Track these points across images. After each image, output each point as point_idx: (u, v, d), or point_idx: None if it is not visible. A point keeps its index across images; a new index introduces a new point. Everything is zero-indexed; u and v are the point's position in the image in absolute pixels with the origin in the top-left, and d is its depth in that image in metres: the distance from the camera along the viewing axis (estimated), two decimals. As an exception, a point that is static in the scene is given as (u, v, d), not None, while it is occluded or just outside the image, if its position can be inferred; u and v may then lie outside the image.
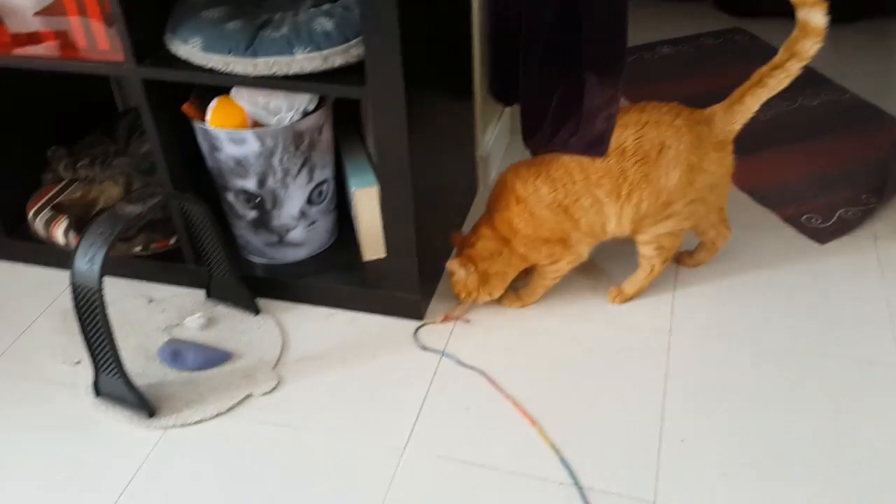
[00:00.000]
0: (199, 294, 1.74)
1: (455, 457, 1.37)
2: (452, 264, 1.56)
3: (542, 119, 1.59)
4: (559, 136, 1.54)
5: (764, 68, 1.48)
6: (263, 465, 1.38)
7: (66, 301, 1.74)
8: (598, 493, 1.30)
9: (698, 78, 2.47)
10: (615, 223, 1.55)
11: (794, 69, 1.45)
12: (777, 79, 1.47)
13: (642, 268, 1.64)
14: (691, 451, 1.36)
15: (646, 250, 1.60)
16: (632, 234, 1.59)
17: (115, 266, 1.76)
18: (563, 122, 1.53)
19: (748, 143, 2.01)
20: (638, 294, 1.66)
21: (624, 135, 1.49)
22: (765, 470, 1.32)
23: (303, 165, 1.58)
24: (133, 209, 1.38)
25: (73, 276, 1.34)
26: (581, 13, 1.50)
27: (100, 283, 1.32)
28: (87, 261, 1.32)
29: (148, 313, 1.69)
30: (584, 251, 1.60)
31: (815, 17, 1.39)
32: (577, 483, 1.32)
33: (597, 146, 1.50)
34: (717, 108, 1.53)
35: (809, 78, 2.38)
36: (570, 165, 1.52)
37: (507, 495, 1.31)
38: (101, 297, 1.33)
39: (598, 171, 1.50)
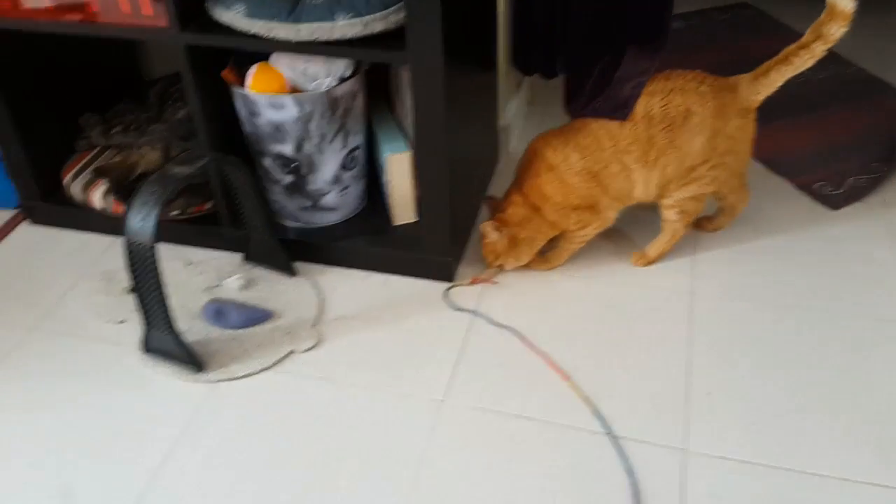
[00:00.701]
0: (236, 257, 1.79)
1: (492, 409, 1.44)
2: (486, 226, 1.62)
3: (582, 87, 1.65)
4: (592, 104, 1.60)
5: (791, 47, 1.54)
6: (308, 416, 1.44)
7: (106, 263, 1.79)
8: (630, 441, 1.37)
9: (709, 51, 2.53)
10: (642, 188, 1.62)
11: (818, 51, 1.52)
12: (802, 58, 1.54)
13: (665, 232, 1.70)
14: (718, 403, 1.43)
15: (669, 214, 1.67)
16: (656, 199, 1.65)
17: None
18: (600, 91, 1.60)
19: (760, 113, 2.07)
20: (661, 257, 1.73)
21: (651, 102, 1.55)
22: (789, 420, 1.40)
23: (338, 131, 1.64)
24: (182, 170, 1.43)
25: (126, 234, 1.39)
26: None
27: (153, 240, 1.37)
28: (141, 219, 1.38)
29: (187, 275, 1.75)
30: (611, 216, 1.67)
31: (843, 1, 1.45)
32: (610, 432, 1.39)
33: (621, 110, 1.57)
34: (743, 78, 1.59)
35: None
36: (600, 133, 1.58)
37: (543, 444, 1.38)
38: (154, 253, 1.38)
39: (627, 137, 1.57)
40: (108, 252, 1.83)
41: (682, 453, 1.35)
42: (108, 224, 1.84)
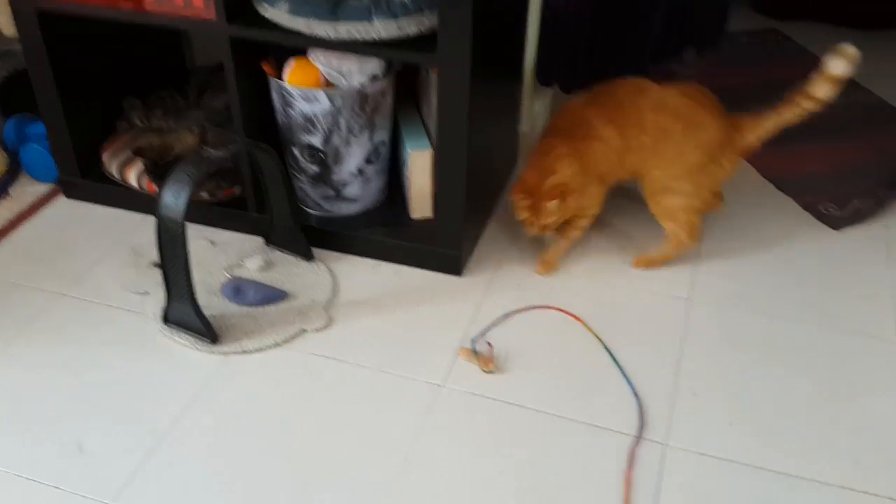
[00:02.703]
0: (258, 240, 1.89)
1: (488, 395, 1.52)
2: (550, 205, 1.67)
3: None
4: None
5: (795, 95, 1.67)
6: (314, 390, 1.53)
7: (135, 238, 1.90)
8: (614, 433, 1.44)
9: (733, 73, 2.59)
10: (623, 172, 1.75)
11: (807, 107, 1.66)
12: (792, 112, 1.68)
13: (668, 239, 1.78)
14: (702, 403, 1.50)
15: (663, 223, 1.78)
16: (646, 196, 1.77)
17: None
18: None
19: (775, 137, 2.12)
20: (662, 264, 1.80)
21: (671, 93, 1.68)
22: (769, 423, 1.46)
23: (365, 126, 1.73)
24: (216, 153, 1.53)
25: (159, 210, 1.49)
26: None
27: (184, 217, 1.47)
28: (174, 196, 1.48)
29: (211, 254, 1.85)
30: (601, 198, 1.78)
31: (835, 67, 1.57)
32: (596, 424, 1.46)
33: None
34: (748, 121, 1.71)
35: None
36: (632, 108, 1.69)
37: (532, 431, 1.45)
38: (184, 230, 1.48)
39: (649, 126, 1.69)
40: (138, 228, 1.94)
41: (661, 447, 1.42)
42: (141, 202, 1.95)
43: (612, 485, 1.35)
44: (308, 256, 1.83)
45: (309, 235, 1.83)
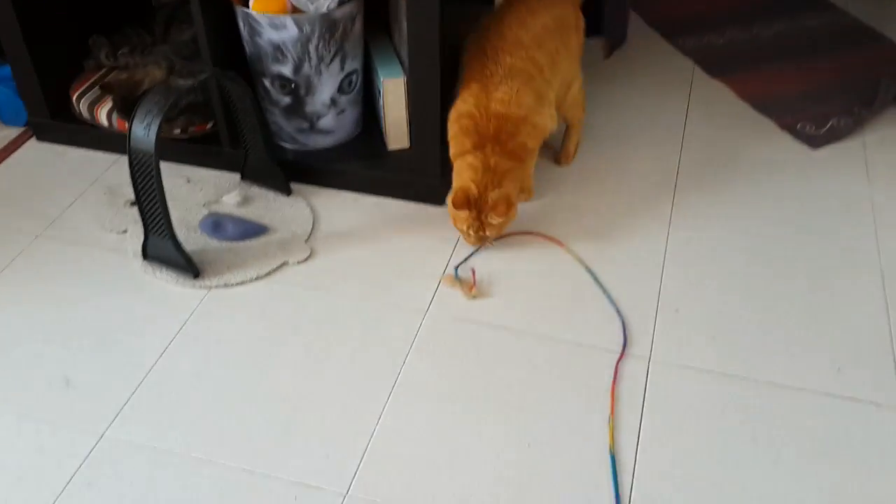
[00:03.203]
0: (235, 176, 1.86)
1: (472, 319, 1.52)
2: (500, 218, 1.57)
3: None
4: None
5: None
6: (299, 320, 1.52)
7: (110, 178, 1.87)
8: (598, 350, 1.45)
9: None
10: (552, 93, 1.72)
11: None
12: None
13: (575, 127, 1.87)
14: (684, 318, 1.51)
15: (575, 114, 1.85)
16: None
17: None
18: None
19: (750, 58, 2.14)
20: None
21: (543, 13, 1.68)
22: (751, 335, 1.48)
23: (336, 54, 1.70)
24: (185, 83, 1.50)
25: (130, 142, 1.46)
26: None
27: (155, 147, 1.45)
28: (144, 127, 1.45)
29: (187, 191, 1.82)
30: (552, 124, 1.72)
31: None
32: (581, 342, 1.47)
33: None
34: None
35: (813, 0, 2.49)
36: (526, 60, 1.64)
37: (518, 351, 1.46)
38: (156, 160, 1.46)
39: (544, 49, 1.67)
40: (112, 168, 1.91)
41: (645, 362, 1.43)
42: (114, 141, 1.91)
43: (598, 399, 1.37)
44: (286, 191, 1.81)
45: (286, 170, 1.81)
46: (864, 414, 1.34)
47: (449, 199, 1.59)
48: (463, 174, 1.60)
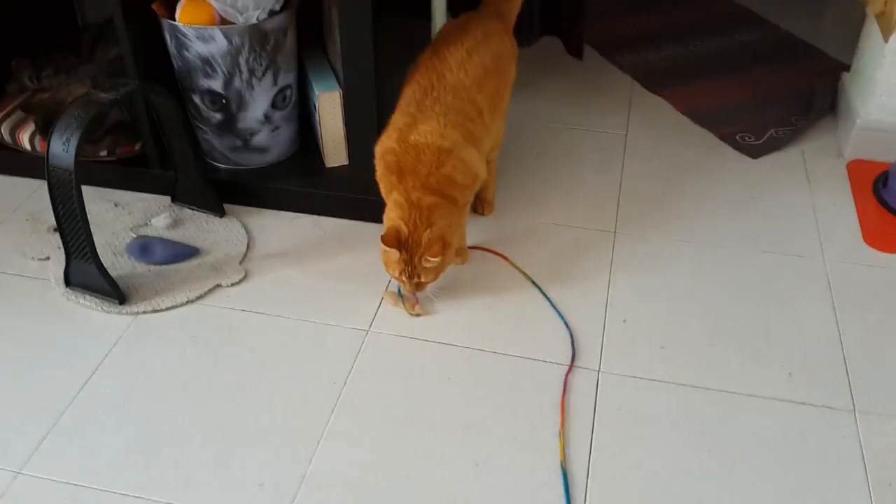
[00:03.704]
0: (165, 199, 1.79)
1: (416, 336, 1.46)
2: (434, 259, 1.42)
3: None
4: None
5: None
6: (233, 344, 1.45)
7: (32, 205, 1.77)
8: (546, 364, 1.40)
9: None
10: (489, 136, 1.61)
11: None
12: None
13: (492, 174, 1.73)
14: (632, 329, 1.47)
15: (493, 156, 1.70)
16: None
17: (81, 172, 1.80)
18: None
19: (688, 72, 2.14)
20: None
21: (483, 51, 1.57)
22: (701, 344, 1.44)
23: (268, 67, 1.64)
24: (107, 95, 1.42)
25: (48, 159, 1.38)
26: None
27: (75, 164, 1.37)
28: (63, 143, 1.37)
29: (114, 215, 1.74)
30: (485, 172, 1.61)
31: None
32: (529, 356, 1.42)
33: None
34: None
35: (747, 17, 2.53)
36: (461, 96, 1.52)
37: (464, 367, 1.40)
38: (77, 178, 1.38)
39: (479, 88, 1.55)
40: (35, 194, 1.81)
41: (594, 374, 1.39)
42: (37, 166, 1.80)
43: (548, 413, 1.32)
44: (219, 212, 1.73)
45: (219, 190, 1.74)
46: (818, 417, 1.31)
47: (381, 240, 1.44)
48: (390, 213, 1.47)
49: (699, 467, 1.23)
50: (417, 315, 1.51)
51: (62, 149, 1.37)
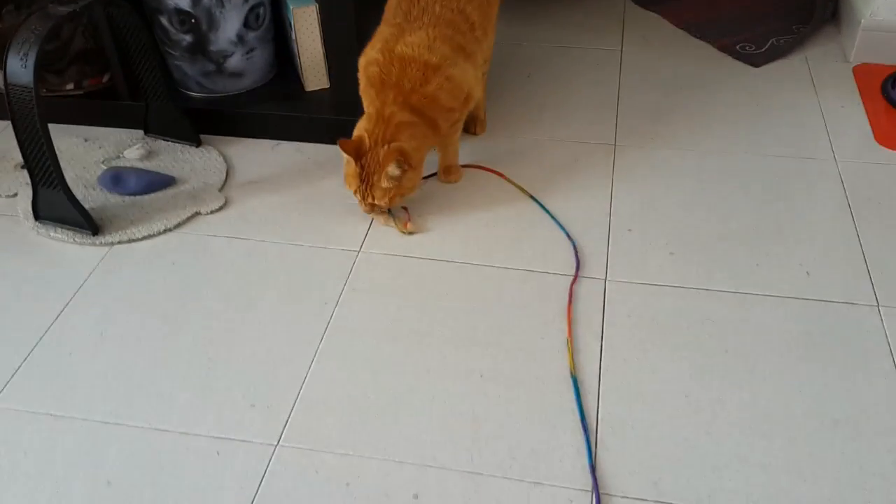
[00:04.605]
0: (138, 132, 1.69)
1: (410, 254, 1.38)
2: (388, 171, 1.33)
3: None
4: None
5: None
6: (216, 270, 1.36)
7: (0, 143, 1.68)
8: (549, 275, 1.32)
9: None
10: (481, 52, 1.51)
11: None
12: None
13: (482, 91, 1.61)
14: (639, 237, 1.39)
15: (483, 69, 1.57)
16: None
17: (48, 110, 1.69)
18: None
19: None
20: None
21: None
22: (711, 248, 1.36)
23: (239, -17, 1.54)
24: (64, 8, 1.32)
25: (6, 77, 1.28)
26: None
27: (35, 80, 1.27)
28: (20, 58, 1.27)
29: (84, 150, 1.64)
30: (479, 91, 1.53)
31: None
32: (532, 269, 1.34)
33: None
34: None
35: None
36: (461, 4, 1.44)
37: (461, 282, 1.32)
38: (37, 95, 1.28)
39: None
40: (2, 134, 1.71)
41: (601, 282, 1.30)
42: (2, 105, 1.72)
43: (554, 324, 1.23)
44: (195, 142, 1.64)
45: (195, 120, 1.64)
46: (840, 313, 1.23)
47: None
48: (360, 123, 1.38)
49: (718, 368, 1.16)
50: (411, 233, 1.42)
51: (20, 65, 1.27)
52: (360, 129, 1.37)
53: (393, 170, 1.32)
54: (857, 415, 1.09)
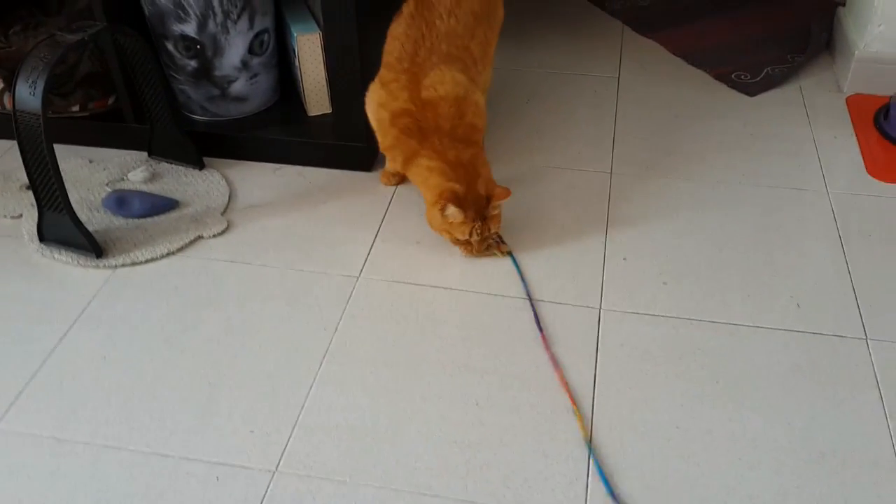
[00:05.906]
0: (141, 155, 1.71)
1: (409, 280, 1.40)
2: (497, 191, 1.38)
3: None
4: None
5: None
6: (218, 294, 1.38)
7: (5, 165, 1.70)
8: (548, 304, 1.35)
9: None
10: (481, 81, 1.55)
11: None
12: None
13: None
14: (633, 266, 1.42)
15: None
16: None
17: (53, 130, 1.72)
18: None
19: (679, 14, 2.07)
20: None
21: None
22: (704, 279, 1.39)
23: (243, 9, 1.57)
24: (73, 37, 1.35)
25: (15, 104, 1.31)
26: None
27: (43, 107, 1.29)
28: (29, 86, 1.30)
29: (89, 171, 1.67)
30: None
31: None
32: (530, 296, 1.36)
33: None
34: None
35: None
36: (464, 41, 1.49)
37: (458, 309, 1.34)
38: (45, 122, 1.31)
39: (465, 24, 1.50)
40: (8, 154, 1.73)
41: (595, 311, 1.33)
42: (8, 125, 1.74)
43: (545, 349, 1.26)
44: (198, 165, 1.66)
45: (197, 143, 1.67)
46: (829, 346, 1.26)
47: (435, 211, 1.37)
48: (430, 182, 1.39)
49: (708, 399, 1.18)
50: (510, 252, 1.44)
51: (28, 92, 1.30)
52: (438, 184, 1.37)
53: (502, 193, 1.37)
54: (843, 447, 1.11)
